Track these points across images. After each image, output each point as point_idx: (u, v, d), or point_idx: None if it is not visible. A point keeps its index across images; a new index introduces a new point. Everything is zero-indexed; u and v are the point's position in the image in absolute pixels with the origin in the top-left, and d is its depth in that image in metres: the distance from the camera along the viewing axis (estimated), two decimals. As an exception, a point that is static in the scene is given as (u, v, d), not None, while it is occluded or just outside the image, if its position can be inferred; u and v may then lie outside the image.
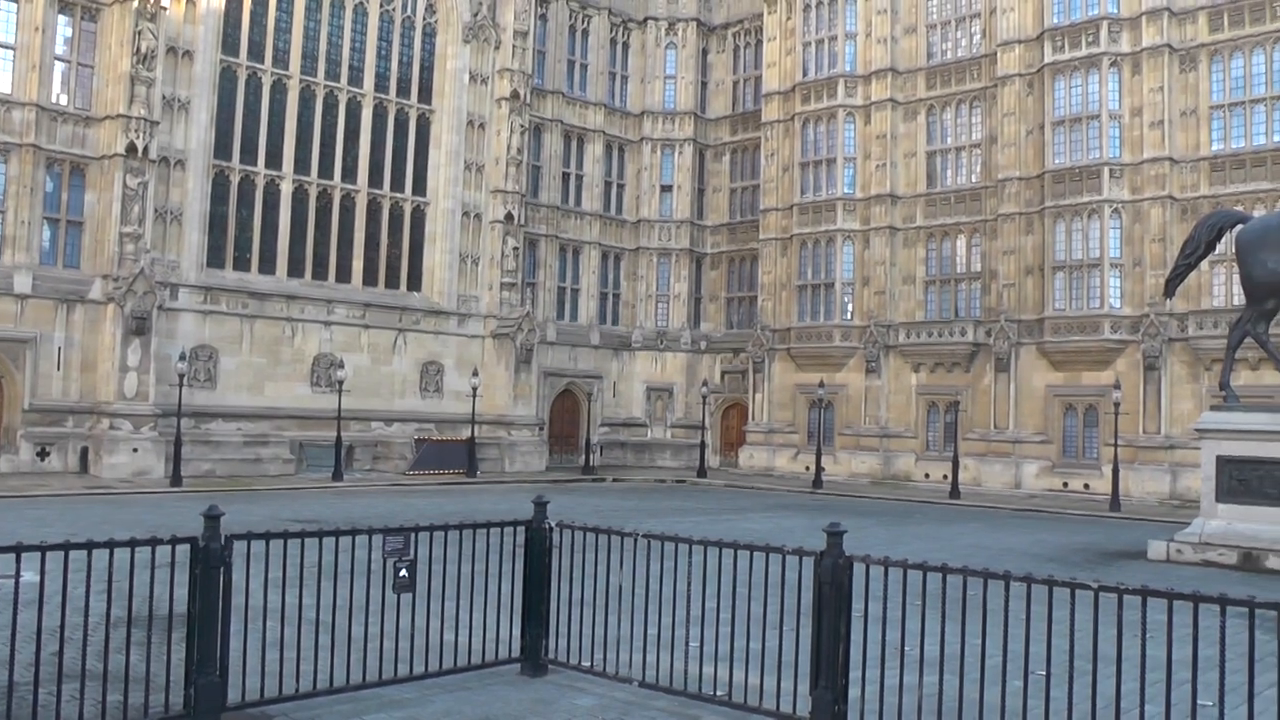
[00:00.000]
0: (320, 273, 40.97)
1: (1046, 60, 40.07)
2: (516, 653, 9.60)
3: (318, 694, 8.16)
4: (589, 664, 9.31)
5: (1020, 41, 41.34)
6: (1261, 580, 17.46)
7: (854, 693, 7.67)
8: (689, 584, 8.63)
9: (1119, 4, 39.11)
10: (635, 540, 8.96)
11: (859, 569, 7.63)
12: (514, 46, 45.61)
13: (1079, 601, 6.60)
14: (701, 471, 45.44)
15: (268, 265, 39.54)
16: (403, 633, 8.79)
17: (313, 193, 40.72)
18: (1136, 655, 6.42)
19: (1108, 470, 35.93)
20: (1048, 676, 6.86)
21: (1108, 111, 38.78)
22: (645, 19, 52.75)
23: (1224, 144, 37.74)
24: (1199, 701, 6.37)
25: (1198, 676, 6.24)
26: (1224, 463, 20.95)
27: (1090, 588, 6.61)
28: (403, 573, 8.56)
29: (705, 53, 53.65)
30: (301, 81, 40.45)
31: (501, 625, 9.55)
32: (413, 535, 8.70)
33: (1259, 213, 31.88)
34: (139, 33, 34.88)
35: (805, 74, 46.99)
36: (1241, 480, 20.66)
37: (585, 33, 51.04)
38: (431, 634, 9.00)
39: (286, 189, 39.99)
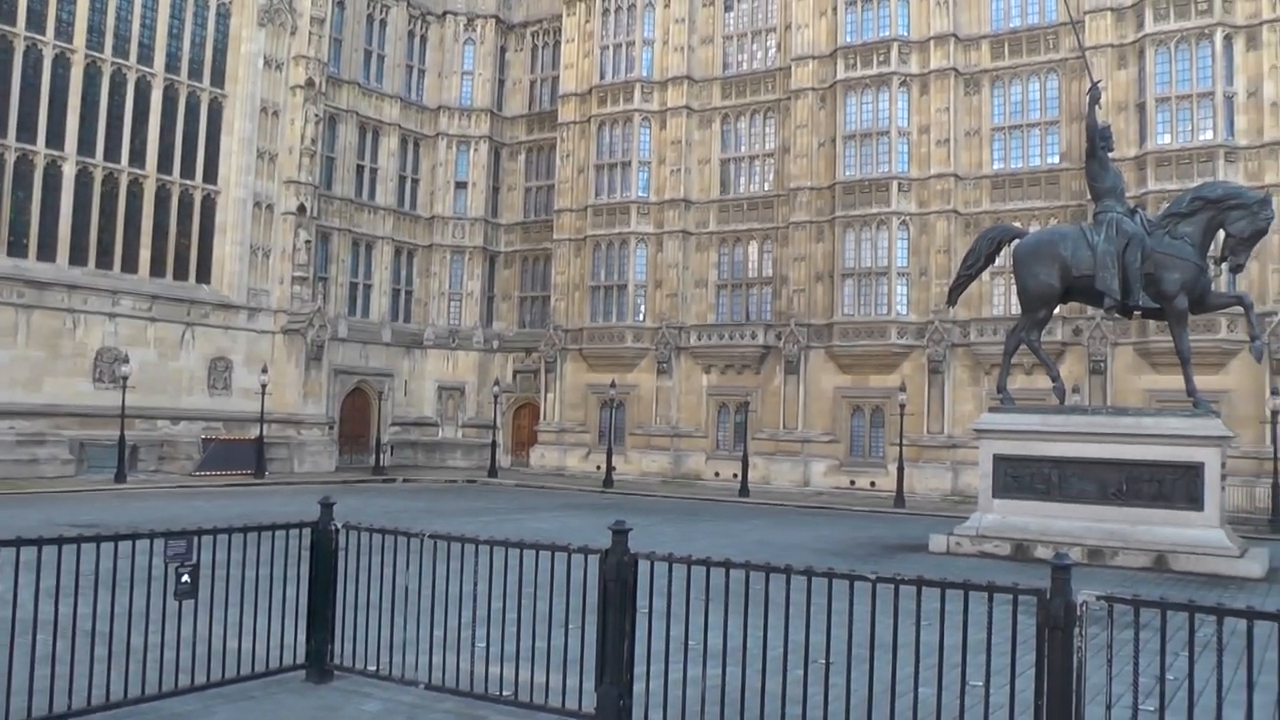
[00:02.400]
0: (105, 262, 39.11)
1: (839, 77, 41.44)
2: (302, 659, 9.44)
3: (92, 710, 7.81)
4: (375, 668, 9.23)
5: (814, 57, 42.65)
6: (1030, 569, 18.35)
7: (639, 687, 7.79)
8: (475, 584, 8.67)
9: (909, 27, 40.80)
10: (422, 541, 8.92)
11: (644, 566, 7.72)
12: (310, 33, 44.59)
13: (858, 593, 6.87)
14: (493, 471, 45.31)
15: (47, 252, 37.51)
16: (185, 641, 8.53)
17: (98, 176, 38.87)
18: (912, 641, 6.75)
19: (893, 468, 37.38)
20: (827, 665, 7.08)
21: (897, 128, 40.40)
22: (444, 13, 52.35)
23: (1004, 163, 39.90)
24: (969, 682, 6.75)
25: (968, 659, 6.59)
26: (1000, 460, 22.26)
27: (868, 579, 6.85)
28: (185, 578, 8.28)
29: (504, 50, 53.55)
30: (87, 57, 38.50)
31: (287, 631, 9.36)
32: (196, 539, 8.40)
33: (1034, 228, 33.71)
34: (-106, -5, 32.71)
35: (603, 77, 47.41)
36: (1015, 477, 22.01)
37: (383, 23, 50.34)
38: (215, 642, 8.81)
39: (69, 171, 38.04)
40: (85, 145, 38.56)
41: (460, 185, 52.05)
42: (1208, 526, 20.18)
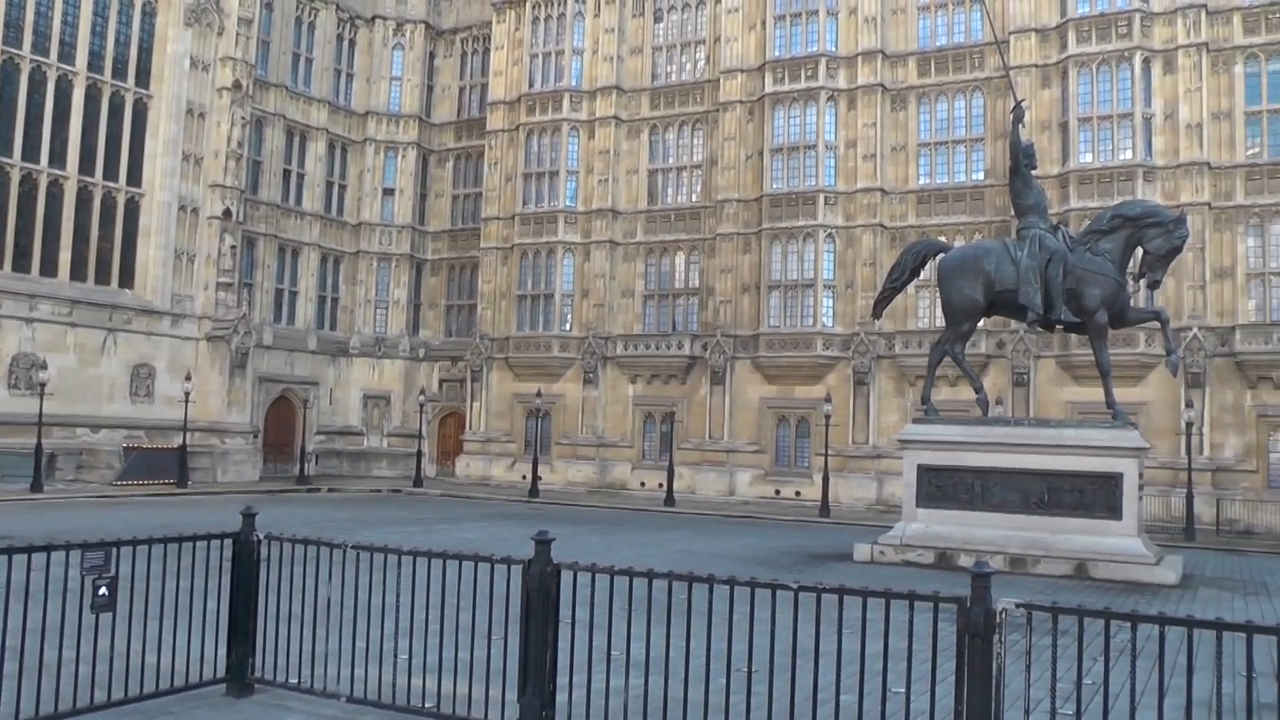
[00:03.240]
0: (23, 265, 38.29)
1: (767, 90, 41.75)
2: (222, 673, 9.27)
3: (1, 725, 7.70)
4: (297, 681, 9.08)
5: (742, 70, 42.94)
6: (952, 577, 18.60)
7: (562, 698, 7.78)
8: (398, 595, 8.60)
9: (837, 43, 41.25)
10: (345, 552, 8.81)
11: (567, 576, 7.69)
12: (238, 34, 44.07)
13: (781, 601, 6.88)
14: (418, 481, 45.07)
15: (-41, 255, 36.73)
16: (101, 656, 8.33)
17: (15, 176, 38.05)
18: (835, 649, 6.79)
19: (818, 478, 37.73)
20: (749, 673, 7.10)
21: (824, 142, 40.79)
22: (374, 17, 52.04)
23: (930, 179, 40.44)
24: (890, 689, 6.81)
25: (889, 666, 6.65)
26: (924, 470, 22.55)
27: (790, 588, 6.85)
28: (102, 591, 8.09)
29: (432, 56, 53.35)
30: (4, 54, 37.74)
31: (207, 644, 9.19)
32: (114, 550, 8.19)
33: (959, 242, 34.24)
34: None
35: (531, 85, 47.37)
36: (939, 486, 22.30)
37: (312, 26, 49.91)
38: (133, 656, 8.63)
39: (-15, 172, 37.38)
40: (2, 144, 37.77)
41: (388, 192, 51.75)
42: (1126, 535, 20.61)
